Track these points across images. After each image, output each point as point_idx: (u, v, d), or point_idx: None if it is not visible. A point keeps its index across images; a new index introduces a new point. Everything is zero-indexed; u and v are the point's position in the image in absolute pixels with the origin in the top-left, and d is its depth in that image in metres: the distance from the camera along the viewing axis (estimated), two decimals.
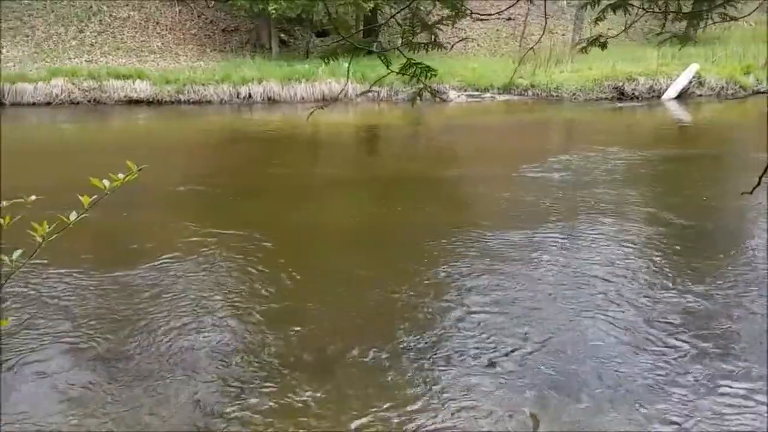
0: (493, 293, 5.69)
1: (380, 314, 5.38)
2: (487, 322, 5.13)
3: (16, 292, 5.64)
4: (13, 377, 4.39)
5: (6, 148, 12.71)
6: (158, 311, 5.42)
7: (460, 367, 4.48)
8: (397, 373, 4.43)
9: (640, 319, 5.12)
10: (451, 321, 5.18)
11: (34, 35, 19.59)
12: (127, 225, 7.74)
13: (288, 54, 21.01)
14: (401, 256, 6.76)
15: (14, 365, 4.54)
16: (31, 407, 4.06)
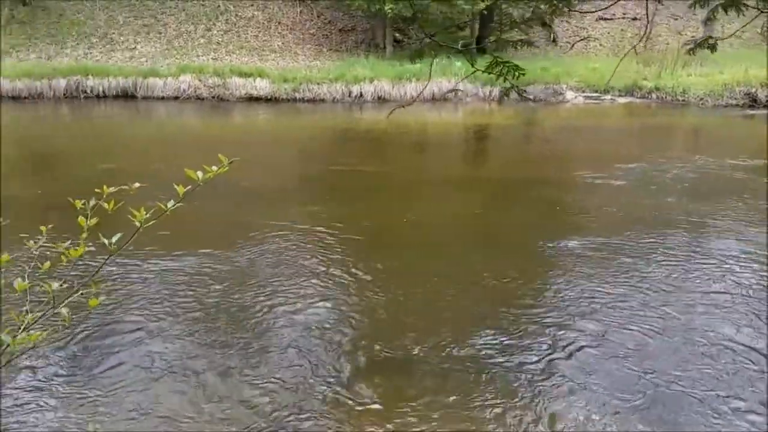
0: (594, 305, 5.43)
1: (476, 317, 5.28)
2: (586, 333, 4.91)
3: (121, 273, 6.06)
4: (106, 357, 4.68)
5: (133, 137, 13.73)
6: (252, 300, 5.61)
7: (562, 381, 4.32)
8: (483, 376, 4.33)
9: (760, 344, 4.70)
10: (550, 330, 5.01)
11: (166, 32, 20.98)
12: (236, 215, 8.10)
13: (401, 53, 21.16)
14: (502, 259, 6.62)
15: (109, 345, 4.84)
16: (121, 388, 4.30)
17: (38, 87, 17.32)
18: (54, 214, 2.29)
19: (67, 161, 11.19)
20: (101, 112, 16.71)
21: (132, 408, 4.04)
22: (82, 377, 4.36)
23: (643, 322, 5.10)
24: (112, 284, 5.80)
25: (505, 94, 2.68)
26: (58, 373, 4.39)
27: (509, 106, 17.35)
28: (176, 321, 5.22)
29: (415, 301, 5.60)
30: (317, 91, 18.31)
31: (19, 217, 6.53)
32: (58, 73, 17.60)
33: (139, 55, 19.77)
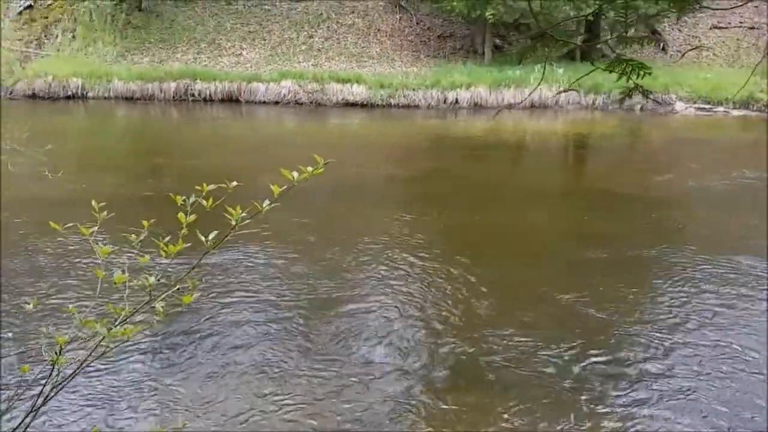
0: (697, 324, 5.01)
1: (567, 333, 5.00)
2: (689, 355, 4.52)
3: (219, 266, 6.18)
4: (203, 351, 4.75)
5: (235, 139, 14.18)
6: (343, 300, 5.60)
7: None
8: (578, 390, 4.06)
9: None
10: (645, 347, 4.65)
11: (270, 39, 21.62)
12: (329, 216, 8.15)
13: (501, 59, 20.78)
14: (593, 274, 6.28)
15: (201, 340, 4.90)
16: (211, 383, 4.34)
17: (150, 89, 18.28)
18: (158, 209, 2.29)
19: (173, 159, 11.68)
20: (207, 114, 17.41)
21: (219, 404, 4.07)
22: (173, 371, 4.44)
23: (744, 340, 4.66)
24: (209, 277, 5.93)
25: (626, 95, 2.44)
26: (149, 367, 4.48)
27: (613, 115, 16.61)
28: (268, 319, 5.26)
29: (512, 313, 5.37)
30: (412, 97, 18.27)
31: (124, 211, 6.81)
32: (169, 76, 18.50)
33: (244, 61, 20.48)
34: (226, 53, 20.80)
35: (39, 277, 5.92)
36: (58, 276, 5.93)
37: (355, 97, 18.38)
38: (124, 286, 2.30)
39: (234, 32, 21.59)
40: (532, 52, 2.44)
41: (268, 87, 18.51)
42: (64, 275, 5.94)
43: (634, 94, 2.32)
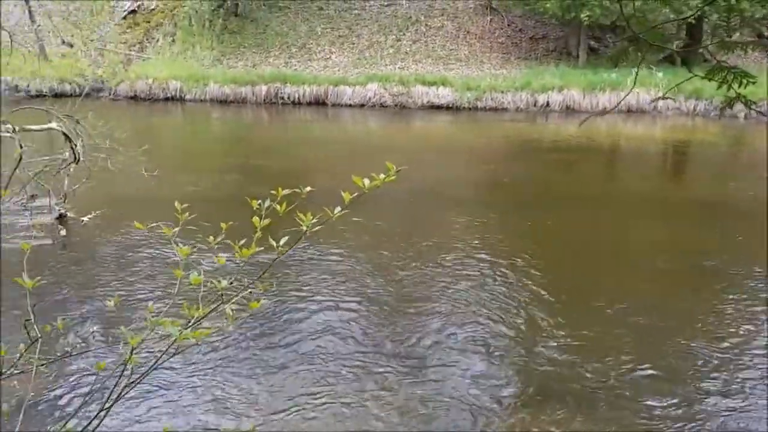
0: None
1: (650, 350, 4.67)
2: None
3: (301, 262, 6.22)
4: (276, 351, 4.74)
5: (320, 141, 14.36)
6: (415, 302, 5.50)
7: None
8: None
9: None
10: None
11: (358, 43, 21.83)
12: (408, 219, 8.05)
13: (596, 62, 20.03)
14: (676, 287, 5.90)
15: (277, 338, 4.91)
16: (287, 383, 4.32)
17: (243, 92, 18.87)
18: (240, 210, 2.30)
19: (260, 160, 11.95)
20: (295, 117, 17.77)
21: (289, 403, 4.05)
22: (245, 370, 4.45)
23: None
24: (285, 274, 5.98)
25: (727, 105, 2.19)
26: (220, 365, 4.52)
27: (715, 122, 15.65)
28: (341, 319, 5.22)
29: (587, 323, 5.08)
30: (500, 99, 17.92)
31: (209, 211, 6.99)
32: (261, 80, 19.03)
33: (332, 65, 20.78)
34: (315, 57, 21.18)
35: (125, 274, 6.16)
36: (142, 273, 6.15)
37: (440, 100, 18.24)
38: (200, 287, 2.30)
39: (324, 37, 21.96)
40: (625, 56, 2.24)
41: (354, 90, 18.68)
42: (148, 273, 6.15)
43: (736, 103, 2.07)
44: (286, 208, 2.30)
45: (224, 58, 21.01)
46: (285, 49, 21.48)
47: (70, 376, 4.27)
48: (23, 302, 2.24)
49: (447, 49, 21.71)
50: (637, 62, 2.68)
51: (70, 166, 7.62)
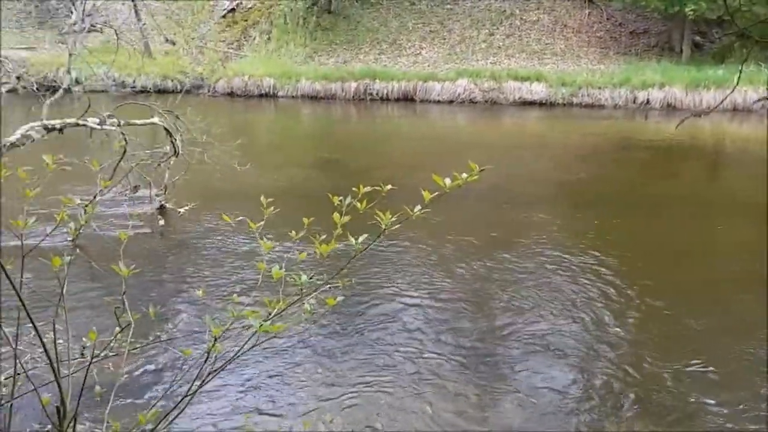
0: None
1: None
2: None
3: (385, 256, 6.21)
4: (357, 347, 4.74)
5: (406, 137, 14.34)
6: (496, 301, 5.39)
7: None
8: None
9: None
10: None
11: (450, 38, 21.64)
12: (497, 216, 7.90)
13: (700, 58, 18.91)
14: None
15: (356, 334, 4.91)
16: (370, 380, 4.31)
17: (333, 89, 19.16)
18: (323, 206, 2.32)
19: (346, 156, 12.08)
20: (383, 113, 17.85)
21: (365, 398, 4.05)
22: (323, 363, 4.49)
23: None
24: (362, 265, 6.00)
25: None
26: (298, 357, 4.57)
27: None
28: (420, 317, 5.18)
29: (669, 334, 4.78)
30: (597, 96, 17.27)
31: (293, 206, 7.14)
32: (351, 76, 19.25)
33: (422, 60, 20.72)
34: (405, 53, 21.19)
35: (214, 264, 6.37)
36: (230, 264, 6.34)
37: (533, 96, 17.80)
38: (282, 280, 2.33)
39: (415, 32, 21.92)
40: (731, 52, 2.04)
41: (443, 86, 18.54)
42: (235, 264, 6.33)
43: None
44: (366, 205, 2.29)
45: (316, 55, 21.41)
46: (375, 45, 21.62)
47: (159, 360, 4.46)
48: (126, 288, 2.35)
49: (542, 43, 21.15)
50: (743, 59, 2.45)
51: (170, 159, 7.98)
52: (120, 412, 3.47)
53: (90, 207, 2.38)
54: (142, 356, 4.39)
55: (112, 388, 2.70)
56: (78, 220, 2.50)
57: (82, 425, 3.39)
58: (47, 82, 17.31)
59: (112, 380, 3.12)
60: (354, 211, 2.28)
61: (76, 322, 4.72)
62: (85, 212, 2.31)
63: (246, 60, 20.95)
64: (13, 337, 2.25)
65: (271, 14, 22.85)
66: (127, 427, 2.76)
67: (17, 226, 2.03)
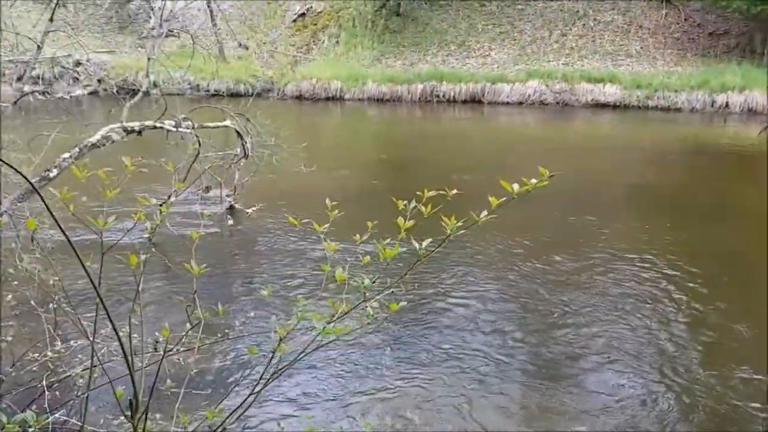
0: None
1: None
2: None
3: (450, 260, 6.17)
4: (422, 349, 4.72)
5: (473, 140, 14.21)
6: (566, 310, 5.26)
7: None
8: None
9: None
10: None
11: (520, 39, 21.32)
12: (561, 222, 7.73)
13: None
14: None
15: (421, 338, 4.89)
16: (437, 383, 4.29)
17: (399, 91, 19.21)
18: (388, 209, 2.32)
19: (411, 158, 12.08)
20: (449, 115, 17.76)
21: (426, 400, 4.03)
22: (391, 367, 4.49)
23: None
24: (428, 268, 5.98)
25: None
26: (362, 360, 4.59)
27: None
28: (486, 324, 5.12)
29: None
30: (673, 99, 16.66)
31: (358, 208, 7.19)
32: (417, 78, 19.26)
33: (491, 62, 20.50)
34: (474, 54, 21.02)
35: (280, 265, 6.49)
36: (295, 265, 6.44)
37: (606, 98, 17.34)
38: (345, 283, 2.35)
39: (484, 33, 21.71)
40: None
41: (512, 87, 18.31)
42: (301, 265, 6.43)
43: None
44: (431, 209, 2.28)
45: (383, 57, 21.51)
46: (443, 47, 21.54)
47: (226, 357, 4.58)
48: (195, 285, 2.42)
49: (616, 44, 20.56)
50: None
51: (240, 160, 8.19)
52: (187, 407, 3.59)
53: (165, 207, 2.46)
54: (210, 352, 4.52)
55: (182, 382, 2.79)
56: (154, 219, 2.60)
57: (151, 419, 3.52)
58: (127, 85, 18.11)
59: (182, 375, 3.22)
60: (418, 215, 2.27)
61: (148, 316, 4.91)
62: (161, 212, 2.39)
63: (314, 63, 21.28)
64: (91, 330, 2.35)
65: (340, 18, 23.12)
66: (195, 421, 2.84)
67: (98, 225, 2.12)
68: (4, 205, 4.42)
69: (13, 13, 16.95)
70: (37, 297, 3.91)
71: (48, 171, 4.97)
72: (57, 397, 3.42)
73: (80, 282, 4.86)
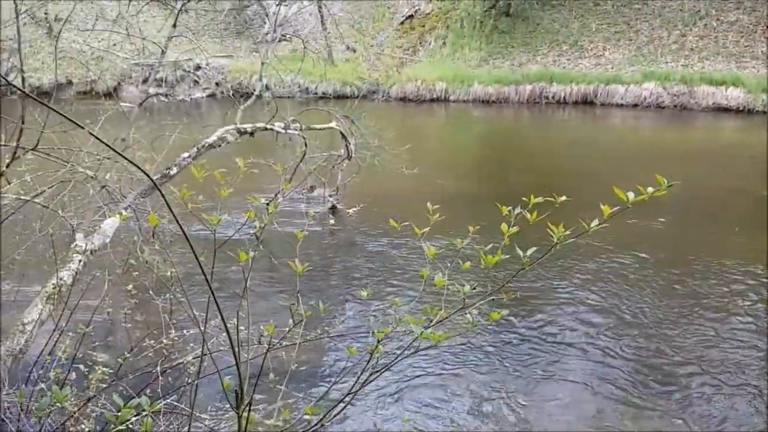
0: None
1: None
2: None
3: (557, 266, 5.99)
4: (509, 363, 4.61)
5: (583, 143, 13.70)
6: (673, 327, 4.96)
7: None
8: None
9: None
10: None
11: (636, 39, 20.35)
12: (676, 234, 7.32)
13: None
14: None
15: (529, 346, 4.77)
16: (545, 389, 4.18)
17: (506, 92, 18.89)
18: (488, 213, 2.29)
19: (516, 161, 11.84)
20: (558, 117, 17.25)
21: (524, 410, 3.93)
22: (489, 371, 4.43)
23: None
24: (531, 276, 5.83)
25: None
26: (462, 364, 4.54)
27: None
28: (595, 334, 4.94)
29: None
30: None
31: (458, 211, 7.13)
32: (525, 79, 18.86)
33: (605, 62, 19.72)
34: (587, 54, 20.31)
35: (378, 266, 6.55)
36: (394, 267, 6.48)
37: (729, 102, 16.23)
38: (444, 288, 2.33)
39: (598, 33, 20.93)
40: None
41: (627, 89, 17.53)
42: (399, 267, 6.45)
43: None
44: (537, 216, 2.21)
45: (491, 58, 21.22)
46: (554, 47, 20.96)
47: (325, 354, 4.68)
48: (295, 282, 2.49)
49: (741, 45, 19.18)
50: None
51: (344, 162, 8.37)
52: (286, 401, 3.69)
53: (272, 206, 2.55)
54: (310, 348, 4.64)
55: (283, 376, 2.87)
56: (262, 218, 2.70)
57: (254, 410, 3.66)
58: (241, 88, 19.00)
59: (284, 369, 3.32)
60: (522, 221, 2.21)
61: (252, 309, 5.10)
62: (269, 211, 2.48)
63: (420, 65, 21.34)
64: (202, 320, 2.46)
65: (448, 19, 23.06)
66: (294, 416, 2.92)
67: (211, 222, 2.22)
68: (128, 199, 4.75)
69: (140, 19, 18.20)
70: (155, 286, 4.17)
71: (168, 169, 5.29)
72: (169, 382, 3.62)
73: (195, 275, 5.13)
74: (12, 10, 4.09)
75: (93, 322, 3.49)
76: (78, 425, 3.17)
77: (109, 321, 4.58)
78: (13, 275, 4.58)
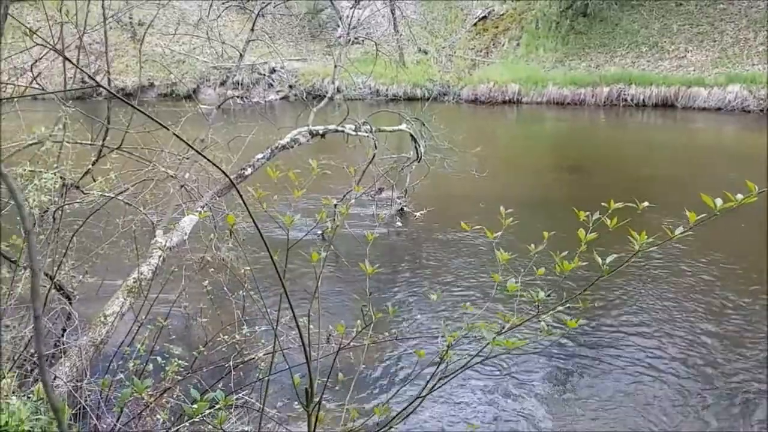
0: None
1: None
2: None
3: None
4: (595, 367, 4.46)
5: (663, 148, 13.17)
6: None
7: None
8: None
9: None
10: None
11: (721, 40, 19.40)
12: (758, 242, 6.93)
13: None
14: None
15: (584, 363, 4.62)
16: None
17: (582, 94, 18.41)
18: (563, 218, 2.21)
19: (591, 165, 11.50)
20: (636, 120, 16.67)
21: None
22: (560, 380, 4.31)
23: None
24: (608, 286, 5.64)
25: None
26: (531, 371, 4.44)
27: None
28: (669, 347, 4.73)
29: None
30: None
31: (531, 216, 6.96)
32: (603, 81, 18.31)
33: (687, 64, 18.92)
34: (667, 56, 19.53)
35: (446, 270, 6.49)
36: (463, 271, 6.40)
37: None
38: (517, 294, 2.28)
39: (680, 34, 20.09)
40: None
41: (710, 92, 16.75)
42: (469, 272, 6.38)
43: None
44: (617, 222, 2.12)
45: (566, 59, 20.72)
46: (633, 48, 20.26)
47: (393, 356, 4.67)
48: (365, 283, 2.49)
49: None
50: None
51: (413, 164, 8.35)
52: (354, 401, 3.70)
53: (343, 208, 2.56)
54: (378, 350, 4.64)
55: (352, 377, 2.88)
56: (333, 219, 2.71)
57: (323, 409, 3.69)
58: (314, 91, 19.31)
59: (353, 370, 3.34)
60: (601, 227, 2.13)
61: (322, 309, 5.16)
62: (340, 213, 2.49)
63: (492, 66, 21.09)
64: (274, 318, 2.49)
65: (523, 20, 22.68)
66: (363, 417, 2.92)
67: (285, 222, 2.24)
68: (205, 198, 4.89)
69: (219, 23, 18.77)
70: (229, 284, 4.27)
71: (243, 169, 5.43)
72: (240, 377, 3.70)
73: (269, 272, 5.23)
74: (99, 15, 4.30)
75: (170, 315, 3.61)
76: (154, 415, 3.29)
77: (185, 315, 4.72)
78: (96, 269, 4.80)
